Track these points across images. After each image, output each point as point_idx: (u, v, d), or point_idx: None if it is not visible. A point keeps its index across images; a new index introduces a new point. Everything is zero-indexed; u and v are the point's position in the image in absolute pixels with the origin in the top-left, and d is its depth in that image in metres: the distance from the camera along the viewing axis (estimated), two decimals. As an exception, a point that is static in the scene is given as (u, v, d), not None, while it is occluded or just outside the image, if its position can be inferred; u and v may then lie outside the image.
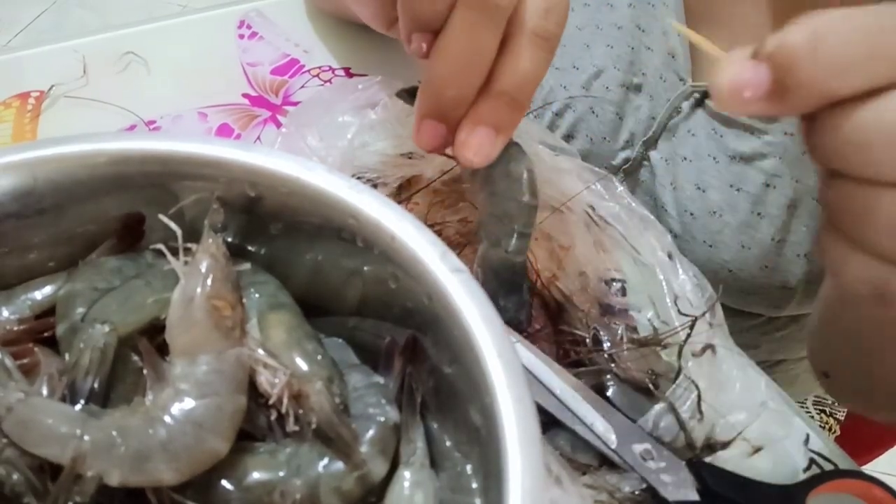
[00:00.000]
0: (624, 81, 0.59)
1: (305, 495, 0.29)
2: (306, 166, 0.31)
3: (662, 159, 0.58)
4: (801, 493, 0.34)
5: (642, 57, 0.58)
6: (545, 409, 0.34)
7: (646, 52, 0.57)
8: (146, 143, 0.32)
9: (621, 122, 0.60)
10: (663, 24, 0.55)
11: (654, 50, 0.57)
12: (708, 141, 0.55)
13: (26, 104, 0.64)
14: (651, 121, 0.58)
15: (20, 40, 1.96)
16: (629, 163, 0.60)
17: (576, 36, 0.61)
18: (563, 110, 0.63)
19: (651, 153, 0.59)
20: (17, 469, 0.27)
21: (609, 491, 0.36)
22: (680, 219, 0.57)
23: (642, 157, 0.60)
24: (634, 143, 0.60)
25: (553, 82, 0.63)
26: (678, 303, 0.44)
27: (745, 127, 0.53)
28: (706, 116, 0.55)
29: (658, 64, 0.57)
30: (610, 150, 0.61)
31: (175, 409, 0.28)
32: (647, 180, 0.60)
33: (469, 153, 0.33)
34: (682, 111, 0.56)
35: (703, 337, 0.42)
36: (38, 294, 0.33)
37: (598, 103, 0.60)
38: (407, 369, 0.32)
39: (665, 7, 0.55)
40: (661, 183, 0.58)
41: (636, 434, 0.33)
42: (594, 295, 0.49)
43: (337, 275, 0.34)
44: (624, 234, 0.50)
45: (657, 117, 0.57)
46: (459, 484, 0.30)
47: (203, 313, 0.29)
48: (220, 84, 0.66)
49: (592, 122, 0.61)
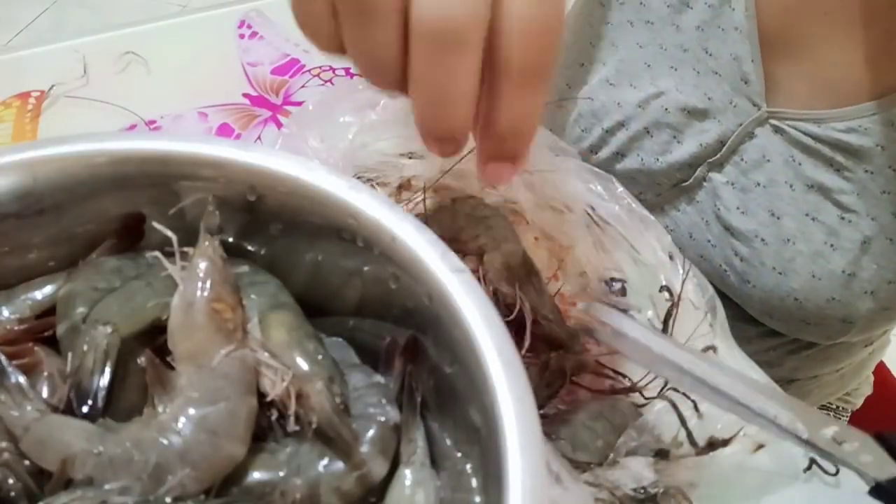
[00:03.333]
0: (685, 105, 0.57)
1: (306, 495, 0.29)
2: (306, 166, 0.31)
3: (728, 183, 0.57)
4: None
5: (708, 81, 0.56)
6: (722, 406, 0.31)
7: (713, 76, 0.56)
8: (146, 143, 0.32)
9: (679, 145, 0.59)
10: (734, 49, 0.54)
11: (721, 75, 0.55)
12: (785, 167, 0.54)
13: (26, 104, 0.64)
14: (719, 144, 0.56)
15: (20, 40, 1.96)
16: (687, 182, 0.59)
17: (636, 53, 0.60)
18: (616, 128, 0.61)
19: (713, 175, 0.58)
20: (15, 474, 0.27)
21: (609, 489, 0.36)
22: (750, 244, 0.56)
23: (703, 178, 0.58)
24: (696, 165, 0.58)
25: (605, 98, 0.61)
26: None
27: (824, 158, 0.52)
28: (784, 143, 0.54)
29: (727, 89, 0.55)
30: (661, 170, 0.60)
31: (188, 419, 0.28)
32: (703, 201, 0.59)
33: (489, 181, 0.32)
34: (755, 136, 0.55)
35: (705, 339, 0.42)
36: (38, 294, 0.33)
37: (654, 124, 0.59)
38: (407, 369, 0.32)
39: (738, 33, 0.54)
40: (727, 206, 0.57)
41: (820, 418, 0.30)
42: (594, 295, 0.49)
43: (337, 275, 0.34)
44: (624, 234, 0.50)
45: (726, 142, 0.56)
46: (460, 483, 0.30)
47: (204, 317, 0.29)
48: (220, 84, 0.67)
49: (647, 143, 0.60)
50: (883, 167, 0.50)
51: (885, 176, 0.50)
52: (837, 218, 0.53)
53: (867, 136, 0.50)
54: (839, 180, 0.52)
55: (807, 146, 0.53)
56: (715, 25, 0.55)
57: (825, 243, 0.53)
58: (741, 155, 0.56)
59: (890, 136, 0.49)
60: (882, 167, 0.50)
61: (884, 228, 0.52)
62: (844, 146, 0.51)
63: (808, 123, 0.52)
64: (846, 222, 0.52)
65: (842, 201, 0.52)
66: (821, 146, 0.52)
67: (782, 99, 0.54)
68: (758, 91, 0.54)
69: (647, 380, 0.43)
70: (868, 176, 0.51)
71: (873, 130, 0.49)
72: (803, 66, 0.52)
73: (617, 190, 0.52)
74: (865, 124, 0.49)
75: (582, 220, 0.51)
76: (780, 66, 0.53)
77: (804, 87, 0.53)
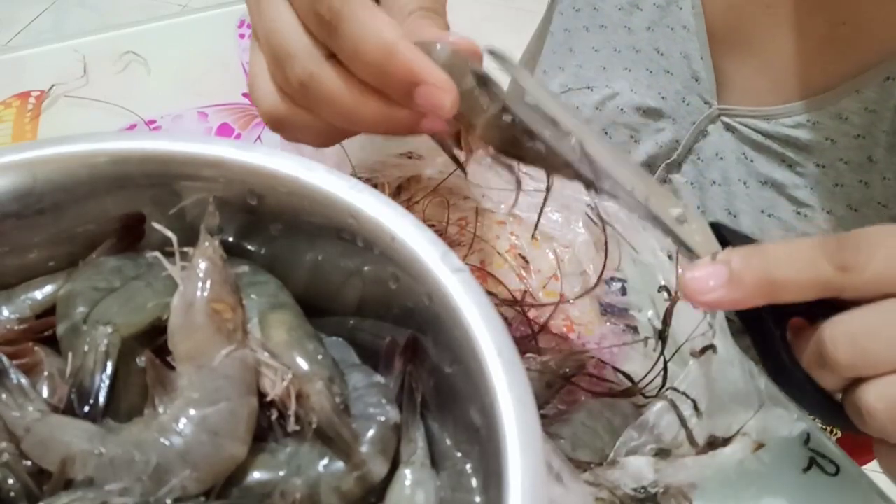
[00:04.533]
0: (640, 105, 0.58)
1: (305, 495, 0.29)
2: (306, 166, 0.31)
3: (688, 183, 0.57)
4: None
5: (661, 80, 0.57)
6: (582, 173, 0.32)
7: (665, 75, 0.56)
8: (146, 142, 0.32)
9: (637, 145, 0.59)
10: (683, 48, 0.55)
11: (674, 74, 0.56)
12: (738, 165, 0.54)
13: (26, 104, 0.64)
14: (675, 143, 0.57)
15: (20, 40, 1.96)
16: None
17: (592, 57, 0.60)
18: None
19: (674, 176, 0.58)
20: (15, 475, 0.27)
21: (609, 488, 0.36)
22: None
23: (664, 180, 0.59)
24: (655, 165, 0.59)
25: (566, 103, 0.61)
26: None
27: (776, 154, 0.52)
28: (735, 140, 0.54)
29: (679, 87, 0.56)
30: None
31: (189, 419, 0.28)
32: None
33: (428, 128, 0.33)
34: (708, 134, 0.55)
35: (705, 338, 0.42)
36: (38, 294, 0.33)
37: (611, 125, 0.59)
38: (407, 369, 0.32)
39: (686, 31, 0.55)
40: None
41: (670, 199, 0.32)
42: (594, 295, 0.49)
43: (337, 275, 0.34)
44: (624, 234, 0.50)
45: (681, 140, 0.56)
46: (460, 483, 0.29)
47: (204, 318, 0.29)
48: (220, 84, 0.66)
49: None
50: (834, 160, 0.50)
51: (836, 169, 0.50)
52: (793, 213, 0.53)
53: (815, 130, 0.50)
54: (792, 175, 0.52)
55: (758, 143, 0.53)
56: (664, 25, 0.56)
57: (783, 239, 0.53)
58: (697, 154, 0.57)
59: (839, 130, 0.49)
60: (833, 160, 0.50)
61: (840, 221, 0.52)
62: (794, 141, 0.51)
63: (757, 120, 0.52)
64: (802, 217, 0.53)
65: (796, 196, 0.52)
66: (771, 142, 0.52)
67: (734, 95, 0.54)
68: (708, 88, 0.54)
69: (648, 380, 0.43)
70: (820, 170, 0.51)
71: (822, 125, 0.49)
72: (752, 61, 0.52)
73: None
74: (814, 118, 0.49)
75: (581, 220, 0.51)
76: (730, 62, 0.53)
77: (754, 83, 0.53)
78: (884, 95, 0.47)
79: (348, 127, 0.34)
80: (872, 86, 0.47)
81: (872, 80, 0.47)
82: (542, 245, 0.51)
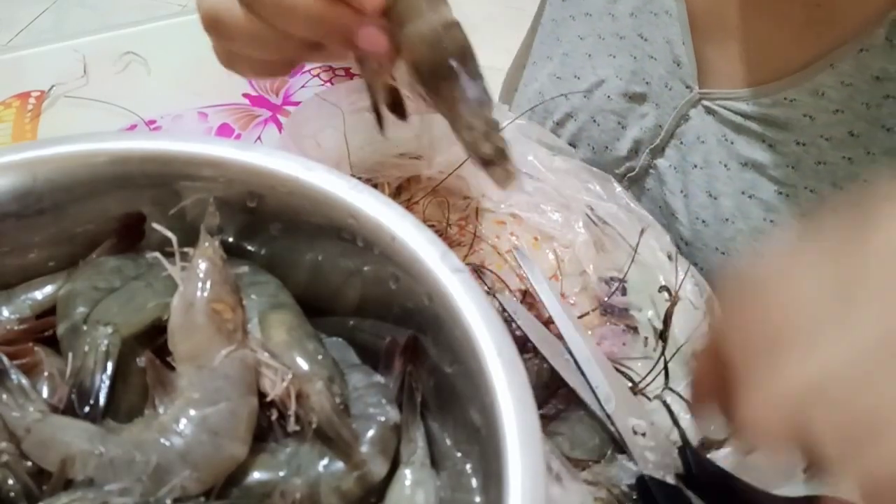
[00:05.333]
0: (626, 91, 0.59)
1: (306, 495, 0.29)
2: (306, 166, 0.31)
3: (671, 167, 0.58)
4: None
5: (645, 66, 0.57)
6: (553, 367, 0.33)
7: (649, 61, 0.57)
8: (146, 142, 0.32)
9: (624, 131, 0.60)
10: (666, 33, 0.55)
11: (657, 59, 0.56)
12: (719, 147, 0.54)
13: (26, 104, 0.64)
14: (658, 129, 0.58)
15: (20, 40, 1.96)
16: (635, 171, 0.60)
17: (578, 46, 0.61)
18: (565, 120, 0.62)
19: (658, 161, 0.59)
20: (15, 475, 0.27)
21: (607, 486, 0.36)
22: (692, 226, 0.57)
23: (649, 165, 0.59)
24: (640, 151, 0.59)
25: (554, 91, 0.62)
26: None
27: (756, 135, 0.53)
28: (716, 123, 0.55)
29: (662, 72, 0.56)
30: (613, 158, 0.61)
31: (189, 420, 0.28)
32: (653, 188, 0.60)
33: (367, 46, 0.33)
34: (689, 118, 0.56)
35: (705, 338, 0.42)
36: (38, 294, 0.33)
37: (599, 112, 0.60)
38: (407, 369, 0.32)
39: (668, 17, 0.55)
40: (671, 190, 0.58)
41: (637, 411, 0.32)
42: (594, 295, 0.49)
43: (337, 275, 0.34)
44: (624, 234, 0.50)
45: (664, 125, 0.57)
46: (460, 483, 0.30)
47: (204, 318, 0.29)
48: (220, 84, 0.66)
49: (594, 132, 0.61)
50: (815, 137, 0.50)
51: (818, 147, 0.50)
52: (775, 193, 0.53)
53: (793, 107, 0.50)
54: (773, 156, 0.52)
55: (738, 125, 0.53)
56: (647, 11, 0.56)
57: (764, 220, 0.54)
58: (680, 138, 0.57)
59: (817, 106, 0.49)
60: (814, 138, 0.50)
61: (824, 199, 0.52)
62: (773, 120, 0.51)
63: (737, 102, 0.52)
64: (784, 196, 0.53)
65: (777, 176, 0.52)
66: (751, 123, 0.52)
67: (715, 80, 0.54)
68: (690, 73, 0.55)
69: (648, 380, 0.43)
70: (801, 148, 0.51)
71: (799, 102, 0.49)
72: (732, 44, 0.53)
73: (615, 190, 0.53)
74: (791, 95, 0.49)
75: (581, 220, 0.51)
76: (711, 46, 0.54)
77: (735, 67, 0.53)
78: (859, 68, 0.47)
79: (284, 27, 0.34)
80: (847, 59, 0.47)
81: (847, 54, 0.47)
82: (542, 245, 0.51)
